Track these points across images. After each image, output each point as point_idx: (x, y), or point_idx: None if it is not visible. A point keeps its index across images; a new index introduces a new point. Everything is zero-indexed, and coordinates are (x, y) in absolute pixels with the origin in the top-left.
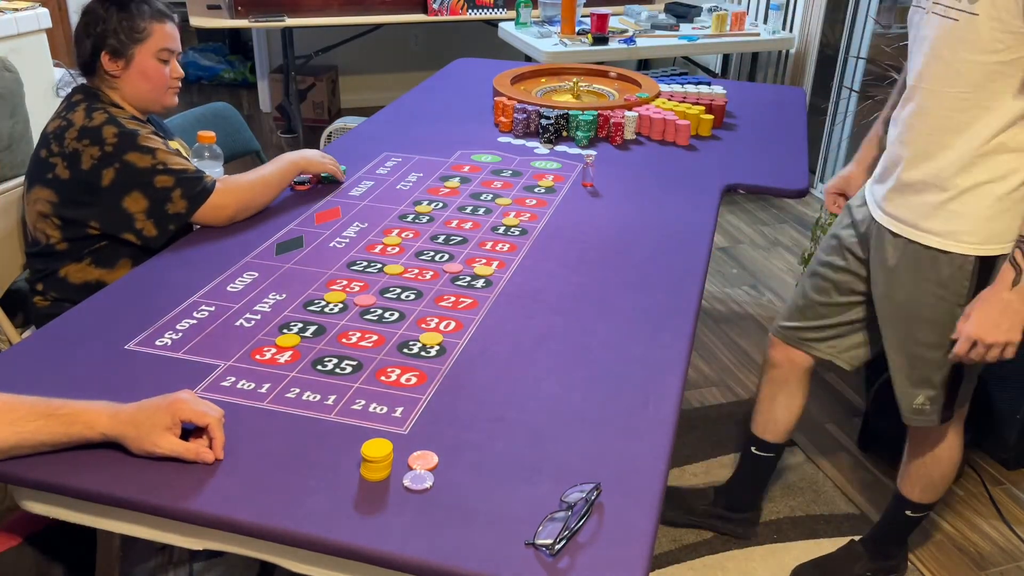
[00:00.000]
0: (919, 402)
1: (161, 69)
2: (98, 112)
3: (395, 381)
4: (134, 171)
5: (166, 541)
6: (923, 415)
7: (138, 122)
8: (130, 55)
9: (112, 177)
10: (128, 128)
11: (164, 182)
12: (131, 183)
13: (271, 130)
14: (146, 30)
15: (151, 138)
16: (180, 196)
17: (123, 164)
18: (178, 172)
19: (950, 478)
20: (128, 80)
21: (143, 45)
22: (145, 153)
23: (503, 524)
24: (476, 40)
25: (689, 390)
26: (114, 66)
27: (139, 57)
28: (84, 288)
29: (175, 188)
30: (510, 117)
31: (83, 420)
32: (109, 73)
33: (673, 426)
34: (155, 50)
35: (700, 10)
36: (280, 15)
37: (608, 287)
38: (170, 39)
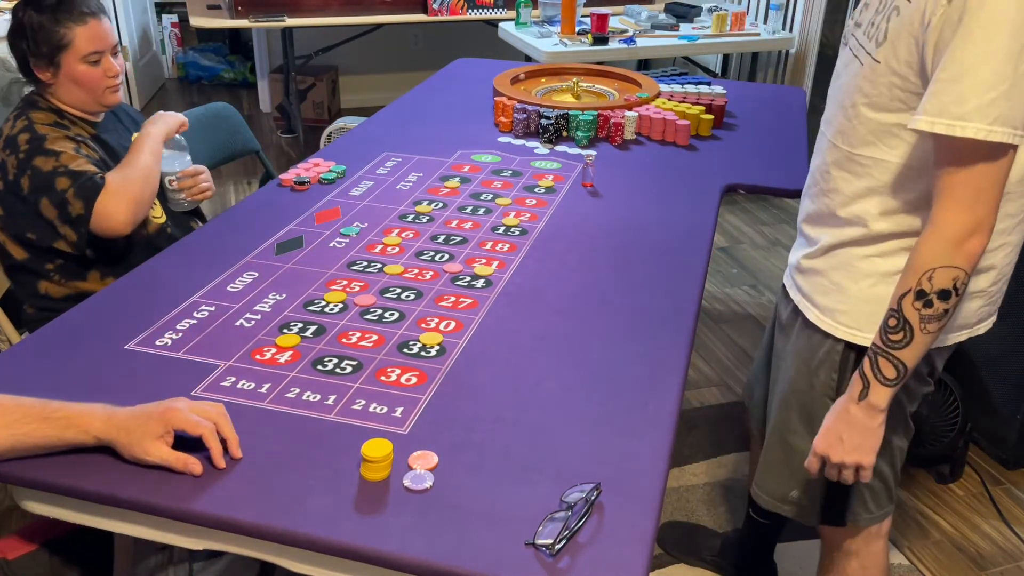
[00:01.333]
0: (794, 495)
1: (92, 72)
2: (20, 120)
3: (395, 381)
4: (40, 176)
5: (166, 541)
6: (799, 509)
7: (85, 124)
8: (57, 63)
9: (28, 185)
10: (39, 133)
11: (62, 184)
12: (40, 189)
13: (271, 130)
14: (65, 36)
15: (59, 142)
16: (74, 196)
17: (32, 170)
18: (75, 173)
19: None
20: (61, 86)
21: (67, 53)
22: (49, 156)
23: (503, 524)
24: (476, 40)
25: (689, 390)
26: (45, 74)
27: (66, 64)
28: (68, 300)
29: (70, 188)
30: (510, 117)
31: (78, 424)
32: (43, 81)
33: (673, 426)
34: (81, 55)
35: (700, 10)
36: (280, 15)
37: (608, 287)
38: (96, 40)
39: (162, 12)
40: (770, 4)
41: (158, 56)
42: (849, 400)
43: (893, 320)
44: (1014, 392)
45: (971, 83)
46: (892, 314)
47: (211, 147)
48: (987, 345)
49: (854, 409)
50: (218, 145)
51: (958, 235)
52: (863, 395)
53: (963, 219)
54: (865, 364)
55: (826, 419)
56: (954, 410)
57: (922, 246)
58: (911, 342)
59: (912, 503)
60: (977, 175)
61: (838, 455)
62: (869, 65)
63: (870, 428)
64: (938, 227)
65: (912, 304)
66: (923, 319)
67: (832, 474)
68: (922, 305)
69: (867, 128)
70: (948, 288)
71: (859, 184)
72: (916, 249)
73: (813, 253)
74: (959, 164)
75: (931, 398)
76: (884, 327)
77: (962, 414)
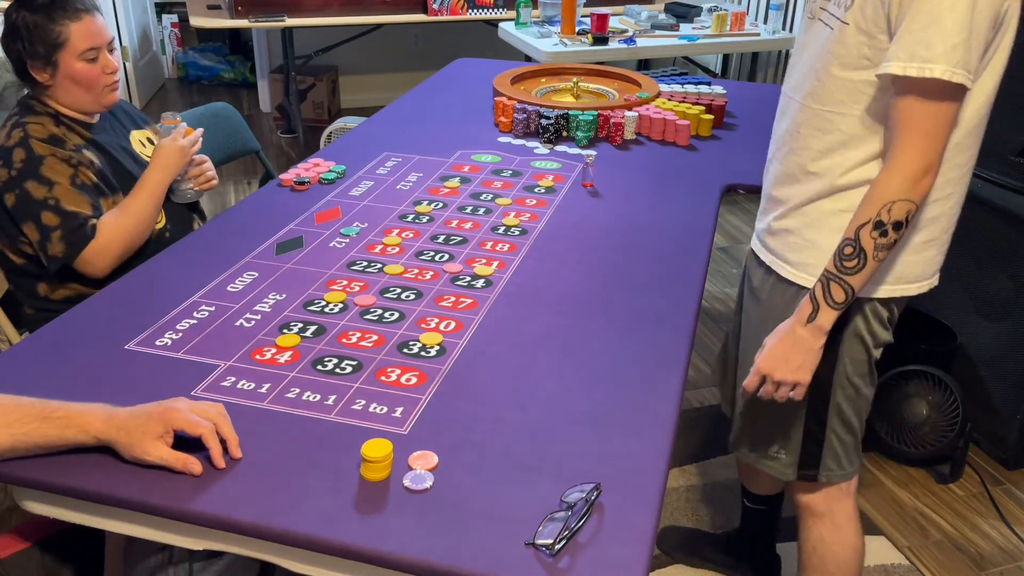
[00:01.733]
0: (774, 450)
1: (91, 70)
2: (16, 130)
3: (395, 381)
4: (29, 201)
5: (166, 541)
6: (779, 464)
7: (81, 127)
8: (54, 62)
9: (13, 202)
10: (36, 153)
11: (49, 220)
12: (25, 212)
13: (271, 130)
14: (62, 34)
15: (57, 167)
16: (59, 239)
17: (22, 191)
18: (66, 213)
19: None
20: (61, 87)
21: (64, 51)
22: (42, 184)
23: (503, 524)
24: (476, 40)
25: (689, 390)
26: (43, 76)
27: (63, 63)
28: (67, 301)
29: (57, 229)
30: (510, 117)
31: (77, 424)
32: (41, 83)
33: (673, 426)
34: (78, 52)
35: (700, 10)
36: (280, 15)
37: (608, 287)
38: (93, 36)
39: (162, 12)
40: (770, 4)
41: (158, 56)
42: (797, 323)
43: (849, 248)
44: (1014, 392)
45: (937, 31)
46: (848, 243)
47: (211, 147)
48: (987, 345)
49: (801, 331)
50: (218, 145)
51: (915, 173)
52: (812, 318)
53: (920, 158)
54: (817, 289)
55: (767, 342)
56: (954, 410)
57: (881, 182)
58: (863, 268)
59: (912, 503)
60: (934, 114)
61: (782, 374)
62: (839, 29)
63: (813, 349)
64: (898, 164)
65: (870, 234)
66: (877, 247)
67: (768, 391)
68: (879, 235)
69: (836, 86)
70: (902, 220)
71: (828, 139)
72: (875, 185)
73: (783, 214)
74: (921, 105)
75: (931, 398)
76: (839, 255)
77: (962, 414)
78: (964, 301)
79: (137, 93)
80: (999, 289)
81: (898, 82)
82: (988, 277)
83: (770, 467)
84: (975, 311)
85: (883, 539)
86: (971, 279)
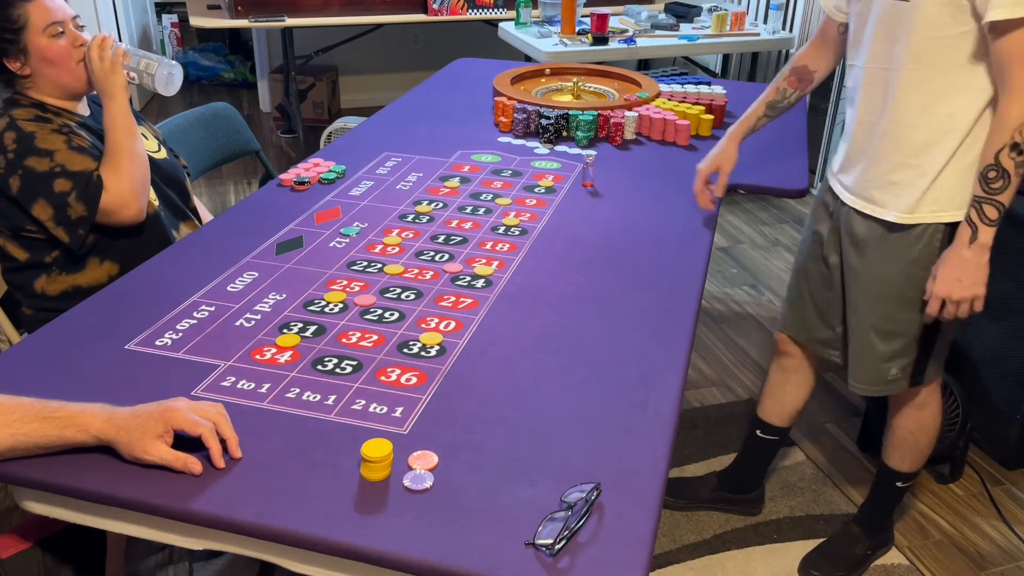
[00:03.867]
0: (893, 374)
1: (60, 46)
2: (1, 119)
3: (395, 381)
4: (35, 177)
5: (166, 541)
6: (896, 383)
7: (69, 114)
8: (23, 47)
9: (19, 185)
10: (25, 131)
11: (62, 186)
12: (34, 191)
13: (271, 130)
14: (20, 17)
15: (50, 137)
16: (76, 199)
17: (24, 170)
18: (74, 174)
19: (933, 442)
20: (38, 72)
21: (28, 32)
22: (43, 156)
23: (503, 524)
24: (476, 40)
25: (689, 390)
26: (16, 64)
27: (32, 44)
28: (64, 297)
29: (71, 191)
30: (510, 117)
31: (78, 423)
32: (19, 75)
33: (673, 426)
34: (41, 29)
35: (700, 10)
36: (280, 15)
37: (608, 287)
38: (50, 12)
39: (162, 12)
40: (770, 4)
41: None
42: (960, 247)
43: (993, 172)
44: (1014, 392)
45: None
46: (991, 168)
47: (211, 147)
48: (987, 345)
49: (966, 252)
50: (218, 145)
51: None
52: (973, 238)
53: None
54: (972, 213)
55: (938, 271)
56: (954, 410)
57: (1007, 110)
58: (1008, 186)
59: (912, 503)
60: None
61: (959, 293)
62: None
63: (980, 265)
64: (1020, 93)
65: (1008, 155)
66: (1017, 165)
67: (951, 310)
68: (1016, 154)
69: (927, 47)
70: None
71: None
72: (1001, 114)
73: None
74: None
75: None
76: (984, 180)
77: (962, 414)
78: None
79: (137, 93)
80: (999, 289)
81: (1001, 25)
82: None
83: (887, 389)
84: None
85: None
86: None
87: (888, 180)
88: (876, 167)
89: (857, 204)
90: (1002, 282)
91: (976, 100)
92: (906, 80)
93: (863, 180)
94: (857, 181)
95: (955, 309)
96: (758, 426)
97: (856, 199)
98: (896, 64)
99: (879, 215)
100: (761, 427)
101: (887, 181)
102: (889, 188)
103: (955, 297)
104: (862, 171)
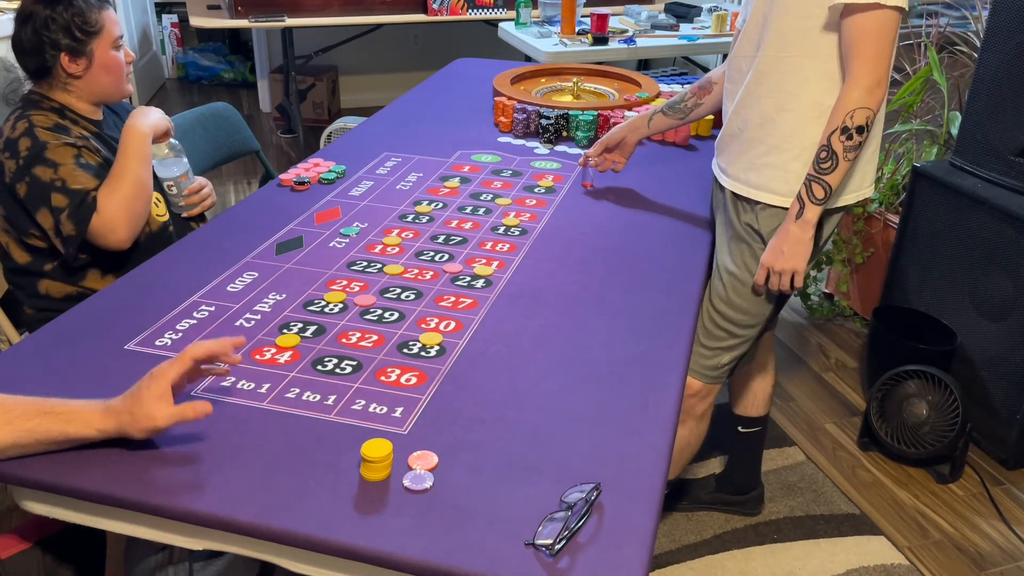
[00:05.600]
0: (724, 361)
1: (118, 59)
2: (21, 122)
3: (395, 381)
4: (39, 185)
5: (166, 541)
6: (720, 371)
7: (87, 122)
8: (90, 52)
9: (25, 191)
10: (40, 140)
11: (58, 201)
12: (38, 198)
13: (271, 130)
14: (98, 22)
15: (60, 149)
16: (67, 217)
17: (31, 178)
18: (71, 192)
19: (772, 389)
20: (92, 77)
21: (100, 39)
22: (49, 167)
23: (503, 524)
24: (476, 40)
25: None
26: (75, 66)
27: (99, 52)
28: (68, 299)
29: (65, 208)
30: (510, 117)
31: (80, 418)
32: (71, 74)
33: (673, 426)
34: (111, 41)
35: (700, 10)
36: (280, 15)
37: (608, 287)
38: (119, 26)
39: (162, 12)
40: None
41: (158, 56)
42: (788, 221)
43: (824, 153)
44: (1014, 392)
45: None
46: (823, 149)
47: (211, 147)
48: (987, 345)
49: (792, 227)
50: (218, 145)
51: (870, 84)
52: (800, 214)
53: (872, 72)
54: (802, 190)
55: (770, 242)
56: (954, 410)
57: (843, 96)
58: (836, 168)
59: (912, 503)
60: (883, 35)
61: (780, 264)
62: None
63: (803, 240)
64: (855, 78)
65: (838, 138)
66: (846, 149)
67: (774, 282)
68: (846, 138)
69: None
70: (863, 124)
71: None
72: (838, 99)
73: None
74: (872, 26)
75: (931, 398)
76: (816, 160)
77: (962, 414)
78: (964, 301)
79: (137, 93)
80: (999, 289)
81: (847, 9)
82: (988, 277)
83: (716, 378)
84: (975, 311)
85: (883, 539)
86: (971, 279)
87: (763, 162)
88: (752, 149)
89: (735, 187)
90: (1002, 282)
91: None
92: (784, 67)
93: (739, 162)
94: (734, 163)
95: (777, 280)
96: (738, 422)
97: (733, 182)
98: (771, 50)
99: (755, 197)
100: (741, 422)
101: (762, 163)
102: (764, 171)
103: (776, 267)
104: (739, 152)
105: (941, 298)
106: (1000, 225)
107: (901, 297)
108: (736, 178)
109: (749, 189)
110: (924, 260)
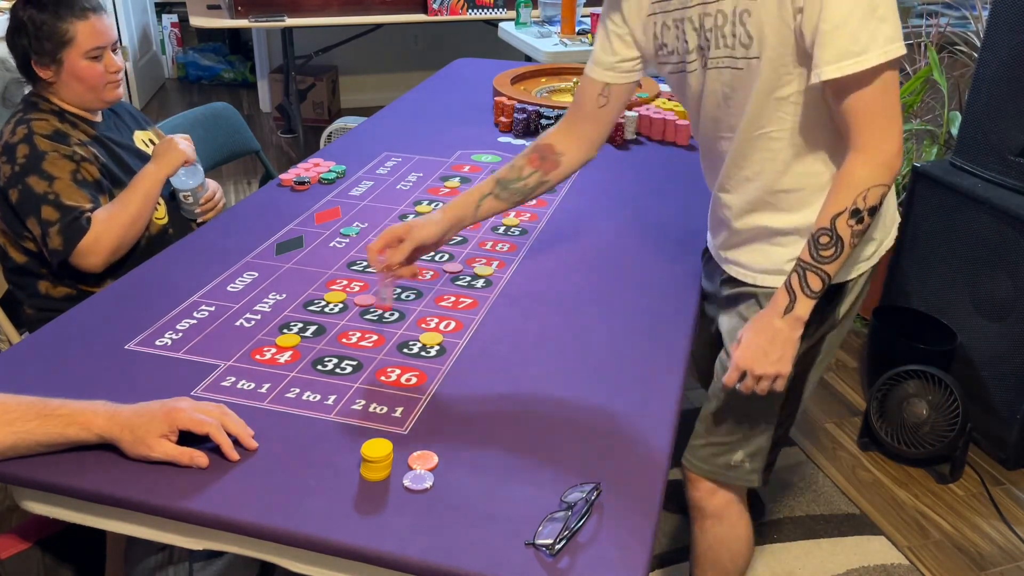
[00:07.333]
0: (737, 458)
1: (94, 68)
2: (21, 127)
3: (395, 381)
4: (31, 195)
5: (166, 541)
6: (739, 471)
7: (86, 124)
8: (59, 60)
9: (16, 198)
10: (39, 149)
11: (49, 215)
12: (28, 207)
13: (271, 130)
14: (68, 32)
15: (59, 163)
16: (57, 232)
17: (24, 187)
18: (65, 207)
19: (747, 561)
20: (64, 84)
21: (69, 49)
22: (43, 179)
23: (503, 524)
24: (476, 40)
25: (689, 390)
26: (47, 72)
27: (68, 61)
28: (68, 299)
29: (56, 223)
30: (510, 117)
31: (80, 421)
32: (44, 80)
33: (673, 426)
34: (83, 51)
35: None
36: (280, 15)
37: (608, 287)
38: (98, 36)
39: (162, 12)
40: None
41: (158, 56)
42: (773, 315)
43: (826, 238)
44: (1014, 392)
45: (855, 21)
46: (824, 232)
47: (211, 147)
48: (987, 345)
49: (779, 323)
50: (218, 145)
51: (889, 156)
52: (789, 308)
53: (890, 141)
54: (793, 279)
55: (744, 335)
56: (954, 410)
57: (851, 172)
58: (839, 255)
59: (912, 503)
60: (889, 93)
61: (762, 367)
62: (747, 65)
63: (791, 340)
64: (869, 152)
65: (847, 222)
66: (854, 234)
67: (749, 385)
68: (855, 222)
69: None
70: (877, 204)
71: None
72: (845, 175)
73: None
74: (874, 91)
75: (931, 398)
76: (815, 244)
77: (962, 414)
78: (964, 301)
79: (137, 93)
80: (999, 289)
81: (838, 82)
82: (988, 277)
83: (732, 477)
84: (975, 311)
85: (883, 539)
86: (971, 279)
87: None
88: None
89: (736, 272)
90: (1002, 282)
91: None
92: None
93: (738, 245)
94: (731, 248)
95: (754, 384)
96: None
97: (735, 267)
98: (748, 130)
99: (752, 280)
100: None
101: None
102: (769, 253)
103: (757, 371)
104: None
105: (941, 298)
106: (1000, 225)
107: (901, 297)
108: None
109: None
110: (924, 260)
